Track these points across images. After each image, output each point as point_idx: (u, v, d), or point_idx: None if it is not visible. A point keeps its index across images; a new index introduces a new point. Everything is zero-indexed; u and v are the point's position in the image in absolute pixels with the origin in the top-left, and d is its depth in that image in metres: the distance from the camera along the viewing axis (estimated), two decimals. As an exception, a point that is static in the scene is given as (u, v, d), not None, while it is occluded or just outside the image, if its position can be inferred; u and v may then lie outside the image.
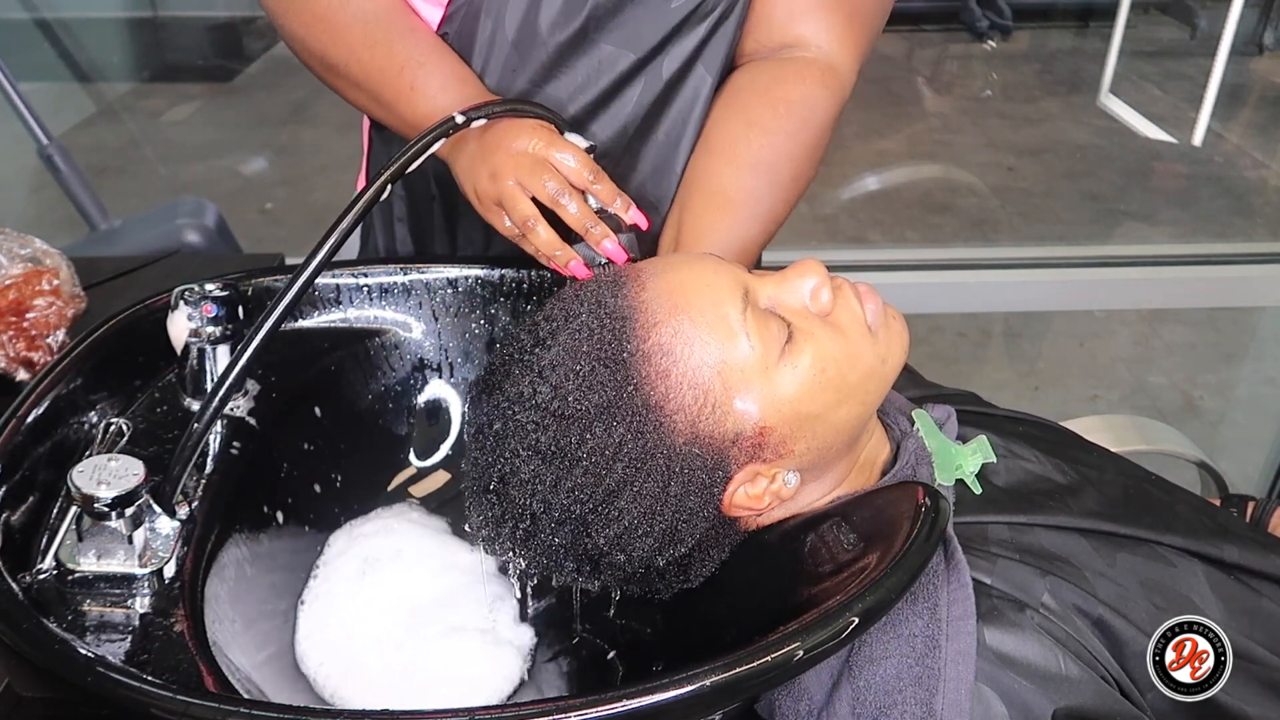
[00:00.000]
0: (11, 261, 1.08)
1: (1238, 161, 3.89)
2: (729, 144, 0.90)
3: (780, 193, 0.90)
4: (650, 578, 0.72)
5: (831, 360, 0.70)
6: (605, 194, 0.82)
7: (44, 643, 0.59)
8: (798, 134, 0.90)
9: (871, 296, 0.74)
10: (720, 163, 0.90)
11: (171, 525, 0.69)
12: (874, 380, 0.72)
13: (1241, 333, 2.84)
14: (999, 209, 3.55)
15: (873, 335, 0.72)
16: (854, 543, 0.68)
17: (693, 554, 0.72)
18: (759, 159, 0.89)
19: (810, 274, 0.72)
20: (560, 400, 0.68)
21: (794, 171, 0.90)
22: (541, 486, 0.69)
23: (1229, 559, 0.78)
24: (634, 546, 0.69)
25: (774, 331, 0.69)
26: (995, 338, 2.85)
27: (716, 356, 0.68)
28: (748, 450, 0.69)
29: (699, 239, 0.87)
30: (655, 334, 0.68)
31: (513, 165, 0.81)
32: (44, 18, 2.92)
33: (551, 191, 0.80)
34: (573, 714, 0.54)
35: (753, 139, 0.89)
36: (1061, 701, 0.64)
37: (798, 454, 0.71)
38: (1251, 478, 2.01)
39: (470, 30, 0.91)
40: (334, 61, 0.89)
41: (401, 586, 0.81)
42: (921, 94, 4.56)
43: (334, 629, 0.78)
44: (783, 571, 0.71)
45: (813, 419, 0.70)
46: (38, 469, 0.72)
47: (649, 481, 0.68)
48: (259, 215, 2.72)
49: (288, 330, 0.92)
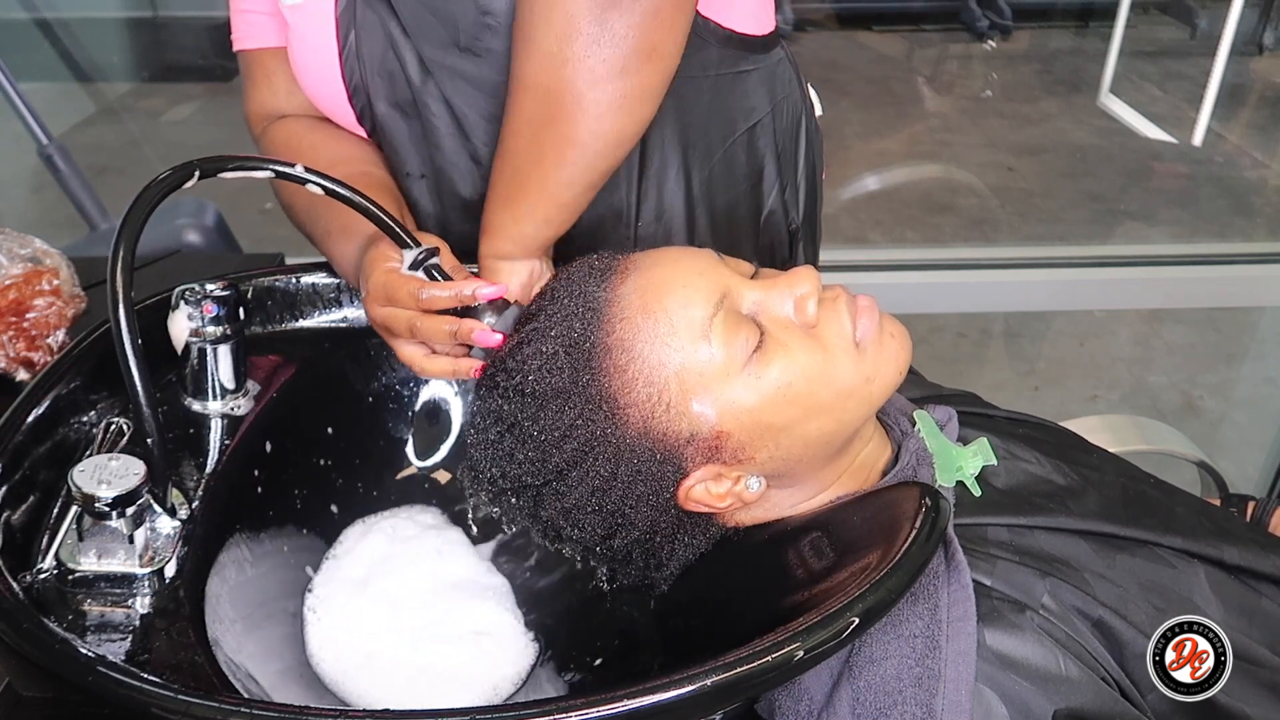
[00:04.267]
0: (11, 261, 1.08)
1: (1238, 161, 3.89)
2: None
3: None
4: (617, 559, 0.75)
5: (801, 375, 0.69)
6: (445, 302, 0.77)
7: (44, 642, 0.59)
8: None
9: (868, 312, 0.72)
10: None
11: (172, 525, 0.69)
12: (853, 399, 0.70)
13: (1241, 333, 2.83)
14: (999, 209, 3.55)
15: (859, 352, 0.70)
16: (854, 543, 0.68)
17: (652, 541, 0.73)
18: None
19: (799, 283, 0.71)
20: (522, 377, 0.71)
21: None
22: (499, 454, 0.73)
23: (1229, 560, 0.78)
24: (583, 523, 0.72)
25: (743, 339, 0.68)
26: (995, 338, 2.85)
27: (677, 358, 0.68)
28: (704, 451, 0.69)
29: None
30: (620, 328, 0.69)
31: (372, 314, 0.81)
32: (44, 18, 2.91)
33: (408, 330, 0.79)
34: (573, 714, 0.54)
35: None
36: (1062, 702, 0.64)
37: (759, 461, 0.70)
38: (1251, 478, 2.01)
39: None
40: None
41: (408, 587, 0.82)
42: (921, 94, 4.56)
43: (341, 628, 0.79)
44: (783, 572, 0.71)
45: (776, 430, 0.69)
46: (38, 469, 0.72)
47: (596, 466, 0.70)
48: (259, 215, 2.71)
49: (288, 330, 0.92)
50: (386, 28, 0.87)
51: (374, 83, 0.90)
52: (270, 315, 0.92)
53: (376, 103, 0.91)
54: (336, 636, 0.78)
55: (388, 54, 0.88)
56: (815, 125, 1.10)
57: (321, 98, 0.94)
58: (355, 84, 0.90)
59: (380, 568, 0.83)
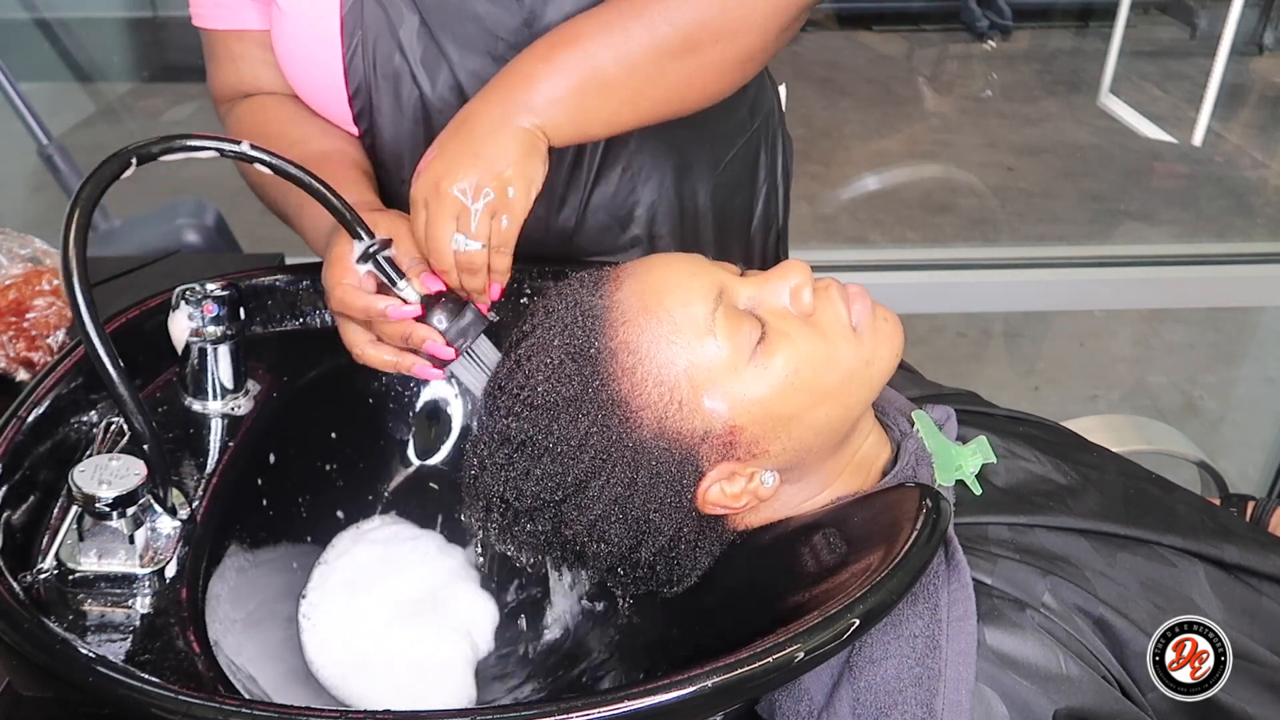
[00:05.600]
0: (11, 261, 1.08)
1: (1238, 161, 3.89)
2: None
3: (642, 27, 0.76)
4: (638, 572, 0.73)
5: (806, 362, 0.70)
6: (396, 312, 0.75)
7: (45, 642, 0.59)
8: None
9: (860, 298, 0.73)
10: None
11: (172, 525, 0.69)
12: (856, 383, 0.71)
13: (1241, 333, 2.83)
14: (999, 209, 3.55)
15: (857, 337, 0.72)
16: (855, 544, 0.68)
17: (676, 549, 0.72)
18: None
19: (792, 274, 0.72)
20: (530, 391, 0.70)
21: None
22: (513, 474, 0.71)
23: (1229, 559, 0.78)
24: (608, 535, 0.71)
25: (746, 332, 0.69)
26: (995, 338, 2.85)
27: (684, 355, 0.68)
28: (719, 449, 0.70)
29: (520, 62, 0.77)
30: (624, 331, 0.69)
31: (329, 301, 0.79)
32: (44, 18, 2.91)
33: (364, 316, 0.77)
34: (574, 714, 0.54)
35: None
36: (1062, 701, 0.64)
37: (773, 454, 0.71)
38: (1251, 478, 2.01)
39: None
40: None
41: (400, 588, 0.81)
42: (921, 94, 4.55)
43: (336, 629, 0.79)
44: (784, 573, 0.71)
45: (787, 420, 0.70)
46: (38, 469, 0.72)
47: (616, 473, 0.69)
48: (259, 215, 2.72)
49: (289, 330, 0.92)
50: (395, 33, 0.87)
51: (380, 84, 0.89)
52: (270, 315, 0.92)
53: (380, 104, 0.90)
54: (332, 641, 0.78)
55: (394, 57, 0.88)
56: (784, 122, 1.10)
57: (314, 91, 0.92)
58: (358, 85, 0.90)
59: (371, 572, 0.82)
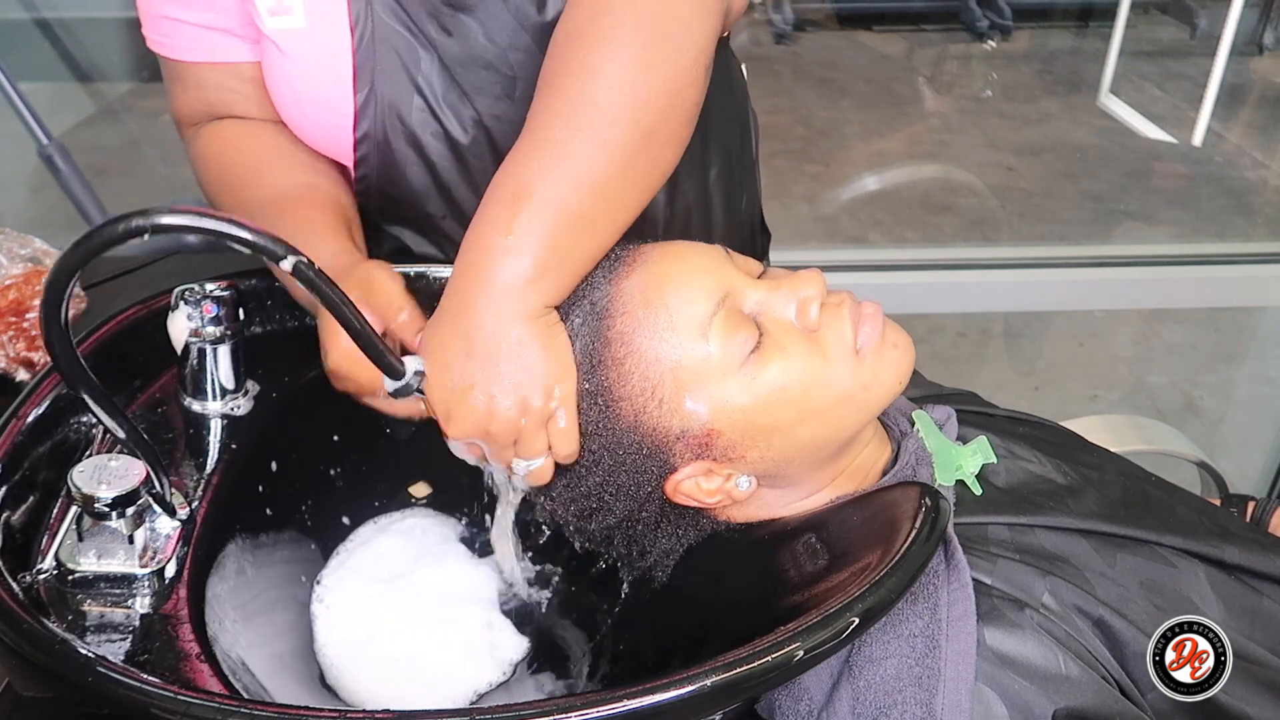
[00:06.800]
0: (11, 261, 1.08)
1: (1238, 161, 3.89)
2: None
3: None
4: (596, 540, 0.76)
5: (797, 379, 0.68)
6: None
7: (44, 642, 0.59)
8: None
9: (872, 320, 0.71)
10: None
11: (172, 525, 0.69)
12: (848, 406, 0.70)
13: (1241, 333, 2.84)
14: (999, 209, 3.55)
15: (858, 360, 0.70)
16: (854, 543, 0.68)
17: (636, 530, 0.74)
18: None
19: (803, 287, 0.70)
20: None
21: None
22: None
23: (1229, 559, 0.78)
24: (560, 498, 0.73)
25: (741, 338, 0.68)
26: (995, 338, 2.85)
27: (673, 354, 0.68)
28: (693, 448, 0.69)
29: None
30: (621, 322, 0.69)
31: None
32: (44, 18, 2.91)
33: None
34: (573, 714, 0.54)
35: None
36: (1062, 702, 0.64)
37: (750, 461, 0.70)
38: (1251, 478, 2.01)
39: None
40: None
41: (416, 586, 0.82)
42: (921, 94, 4.56)
43: (345, 627, 0.79)
44: (783, 571, 0.71)
45: (768, 431, 0.69)
46: (38, 469, 0.72)
47: (582, 453, 0.71)
48: (259, 215, 2.72)
49: (289, 330, 0.92)
50: (413, 77, 0.86)
51: (391, 124, 0.88)
52: (270, 315, 0.92)
53: (394, 143, 0.89)
54: (342, 631, 0.78)
55: (410, 97, 0.87)
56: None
57: (316, 129, 0.90)
58: (368, 128, 0.88)
59: (390, 565, 0.83)
